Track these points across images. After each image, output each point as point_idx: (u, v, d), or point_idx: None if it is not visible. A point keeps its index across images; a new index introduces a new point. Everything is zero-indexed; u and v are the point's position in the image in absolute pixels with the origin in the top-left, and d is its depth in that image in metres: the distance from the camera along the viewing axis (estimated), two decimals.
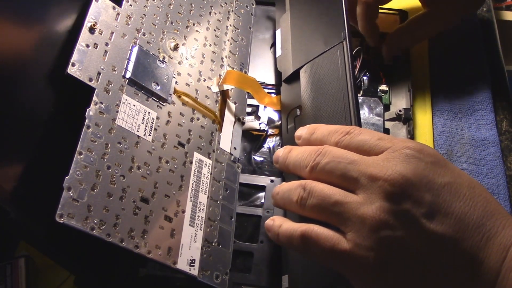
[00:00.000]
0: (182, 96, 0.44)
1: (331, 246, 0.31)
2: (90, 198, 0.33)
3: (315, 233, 0.32)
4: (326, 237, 0.31)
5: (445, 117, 0.51)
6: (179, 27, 0.47)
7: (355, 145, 0.33)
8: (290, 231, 0.33)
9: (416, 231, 0.29)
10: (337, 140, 0.34)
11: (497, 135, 0.50)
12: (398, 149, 0.31)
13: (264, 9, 0.59)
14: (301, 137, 0.37)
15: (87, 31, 0.38)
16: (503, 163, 0.49)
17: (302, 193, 0.33)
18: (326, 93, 0.42)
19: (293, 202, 0.33)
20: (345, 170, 0.32)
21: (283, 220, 0.35)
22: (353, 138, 0.33)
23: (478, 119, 0.51)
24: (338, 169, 0.32)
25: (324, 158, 0.33)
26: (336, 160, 0.32)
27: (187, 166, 0.41)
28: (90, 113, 0.36)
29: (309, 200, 0.32)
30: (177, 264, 0.37)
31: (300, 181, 0.34)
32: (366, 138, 0.33)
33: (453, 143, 0.50)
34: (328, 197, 0.32)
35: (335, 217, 0.31)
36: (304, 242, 0.32)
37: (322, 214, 0.32)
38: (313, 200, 0.32)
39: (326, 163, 0.33)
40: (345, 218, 0.31)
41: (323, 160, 0.33)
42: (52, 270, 0.44)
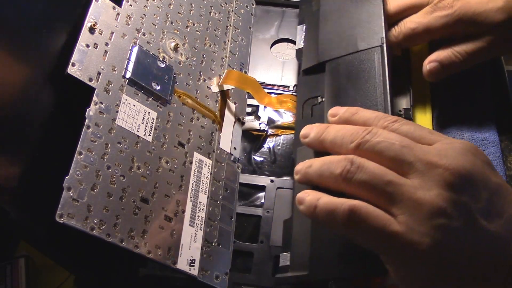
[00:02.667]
0: (182, 96, 0.44)
1: (382, 226, 0.29)
2: (90, 198, 0.33)
3: (365, 210, 0.30)
4: (377, 216, 0.30)
5: (445, 117, 0.51)
6: (179, 27, 0.47)
7: (404, 133, 0.32)
8: (333, 205, 0.31)
9: (471, 225, 0.29)
10: (385, 125, 0.33)
11: (497, 135, 0.50)
12: (453, 142, 0.31)
13: (264, 9, 0.59)
14: (338, 114, 0.36)
15: (87, 31, 0.38)
16: (503, 163, 0.49)
17: (349, 167, 0.31)
18: (358, 90, 0.42)
19: (334, 175, 0.32)
20: (399, 152, 0.31)
21: (321, 194, 0.32)
22: (402, 125, 0.33)
23: (478, 119, 0.51)
24: (391, 150, 0.31)
25: (374, 137, 0.32)
26: (389, 141, 0.31)
27: (187, 166, 0.41)
28: (90, 113, 0.36)
29: (357, 174, 0.31)
30: (177, 264, 0.37)
31: (345, 155, 0.32)
32: (416, 128, 0.32)
33: None
34: (381, 175, 0.30)
35: (386, 197, 0.30)
36: (351, 219, 0.30)
37: (371, 192, 0.31)
38: (363, 176, 0.31)
39: (378, 142, 0.31)
40: (397, 199, 0.30)
41: (373, 138, 0.32)
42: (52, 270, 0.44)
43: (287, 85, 0.53)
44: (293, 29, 0.57)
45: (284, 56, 0.55)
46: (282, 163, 0.49)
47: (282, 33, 0.57)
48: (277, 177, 0.47)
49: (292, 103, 0.50)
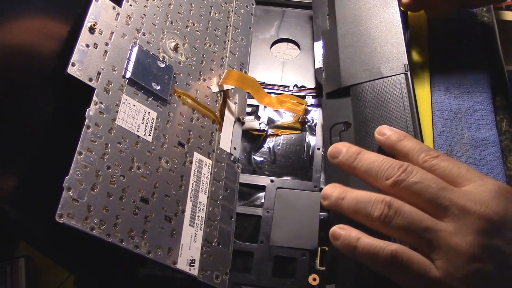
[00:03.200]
0: (182, 96, 0.44)
1: (423, 272, 0.31)
2: (90, 198, 0.33)
3: (407, 256, 0.31)
4: (418, 261, 0.31)
5: (445, 117, 0.51)
6: (179, 27, 0.47)
7: (441, 170, 0.33)
8: (375, 248, 0.32)
9: (504, 267, 0.30)
10: (425, 159, 0.33)
11: (497, 135, 0.50)
12: (487, 184, 0.31)
13: (264, 9, 0.59)
14: (386, 134, 0.36)
15: (87, 31, 0.38)
16: (503, 163, 0.49)
17: (387, 211, 0.31)
18: (385, 116, 0.43)
19: (372, 217, 0.32)
20: (436, 196, 0.31)
21: (359, 232, 0.33)
22: (441, 162, 0.33)
23: (478, 119, 0.51)
24: (427, 193, 0.31)
25: (411, 176, 0.32)
26: (426, 183, 0.31)
27: (187, 166, 0.41)
28: (90, 113, 0.36)
29: (396, 219, 0.31)
30: (177, 264, 0.37)
31: (382, 196, 0.32)
32: (454, 166, 0.33)
33: (453, 143, 0.50)
34: (419, 221, 0.31)
35: (424, 243, 0.31)
36: (393, 263, 0.31)
37: (409, 236, 0.31)
38: (401, 221, 0.31)
39: (414, 183, 0.32)
40: (435, 245, 0.31)
41: (410, 178, 0.32)
42: (52, 270, 0.44)
43: (287, 85, 0.53)
44: (293, 29, 0.57)
45: (284, 56, 0.55)
46: (282, 163, 0.49)
47: (282, 33, 0.57)
48: (277, 177, 0.47)
49: (292, 103, 0.50)
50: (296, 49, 0.56)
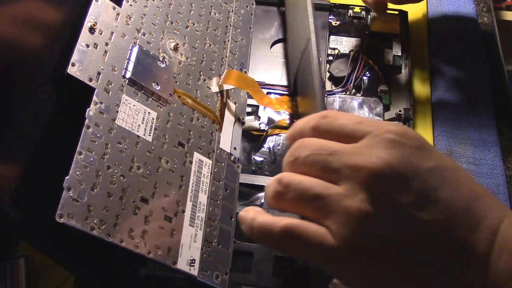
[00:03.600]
0: (182, 96, 0.44)
1: (318, 242, 0.29)
2: (90, 198, 0.33)
3: (300, 229, 0.29)
4: (312, 232, 0.29)
5: (445, 117, 0.51)
6: (179, 27, 0.47)
7: (335, 130, 0.31)
8: (267, 226, 0.30)
9: (406, 222, 0.28)
10: (314, 125, 0.32)
11: (497, 135, 0.50)
12: (380, 134, 0.30)
13: (264, 9, 0.59)
14: (286, 137, 0.35)
15: (87, 31, 0.38)
16: (503, 163, 0.49)
17: (278, 187, 0.31)
18: (308, 97, 0.43)
19: (269, 199, 0.31)
20: (326, 162, 0.30)
21: (258, 212, 0.32)
22: (331, 122, 0.31)
23: (478, 119, 0.51)
24: (319, 161, 0.30)
25: (303, 150, 0.31)
26: (316, 152, 0.30)
27: (187, 166, 0.41)
28: (90, 113, 0.36)
29: (287, 194, 0.30)
30: (177, 264, 0.37)
31: (276, 176, 0.32)
32: (345, 123, 0.31)
33: (453, 143, 0.50)
34: (308, 189, 0.30)
35: (317, 211, 0.29)
36: (287, 238, 0.29)
37: (303, 208, 0.30)
38: (291, 194, 0.30)
39: (306, 156, 0.31)
40: (328, 211, 0.29)
41: (302, 153, 0.31)
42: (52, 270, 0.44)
43: (287, 85, 0.53)
44: None
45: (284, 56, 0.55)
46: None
47: (282, 33, 0.57)
48: None
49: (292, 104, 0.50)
50: None
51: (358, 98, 0.51)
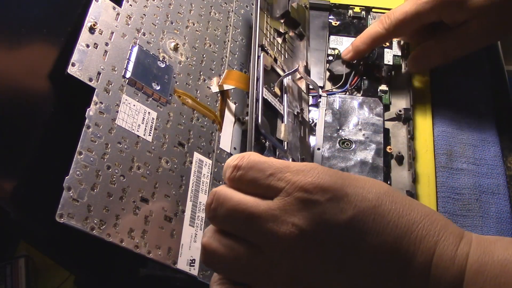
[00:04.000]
0: (182, 96, 0.44)
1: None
2: (90, 198, 0.33)
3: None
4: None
5: (445, 117, 0.51)
6: (179, 27, 0.47)
7: (249, 183, 0.31)
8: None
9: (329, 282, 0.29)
10: (230, 177, 0.32)
11: (497, 135, 0.50)
12: (291, 193, 0.29)
13: None
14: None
15: (87, 31, 0.38)
16: (503, 163, 0.49)
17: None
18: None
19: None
20: (243, 229, 0.30)
21: (213, 278, 0.33)
22: (243, 175, 0.31)
23: (478, 119, 0.51)
24: (236, 226, 0.30)
25: (219, 208, 0.31)
26: (232, 215, 0.30)
27: (187, 166, 0.41)
28: (90, 113, 0.36)
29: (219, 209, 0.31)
30: (177, 264, 0.37)
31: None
32: (257, 176, 0.30)
33: (453, 143, 0.50)
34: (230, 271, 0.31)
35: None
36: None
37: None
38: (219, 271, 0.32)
39: (223, 217, 0.31)
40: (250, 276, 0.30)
41: (219, 211, 0.31)
42: (52, 270, 0.44)
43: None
44: None
45: None
46: None
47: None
48: None
49: None
50: None
51: (358, 98, 0.51)
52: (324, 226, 0.28)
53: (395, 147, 0.49)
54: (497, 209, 0.46)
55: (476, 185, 0.47)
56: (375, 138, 0.48)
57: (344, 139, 0.49)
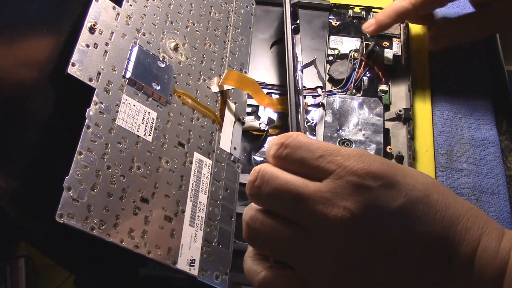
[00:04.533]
0: (182, 96, 0.44)
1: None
2: (90, 198, 0.33)
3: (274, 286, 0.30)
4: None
5: (445, 117, 0.51)
6: (179, 27, 0.47)
7: (296, 164, 0.30)
8: (249, 275, 0.32)
9: (379, 268, 0.29)
10: (274, 154, 0.31)
11: (497, 135, 0.50)
12: (344, 175, 0.29)
13: (264, 9, 0.59)
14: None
15: (87, 31, 0.38)
16: (503, 163, 0.49)
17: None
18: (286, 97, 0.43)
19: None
20: (290, 208, 0.30)
21: (247, 254, 0.33)
22: (291, 154, 0.30)
23: (478, 119, 0.51)
24: (282, 205, 0.30)
25: (265, 185, 0.30)
26: (278, 194, 0.30)
27: (187, 166, 0.41)
28: (90, 113, 0.36)
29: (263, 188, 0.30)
30: (177, 264, 0.37)
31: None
32: (305, 156, 0.30)
33: (453, 143, 0.50)
34: (272, 249, 0.31)
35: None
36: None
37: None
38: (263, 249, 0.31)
39: (269, 195, 0.30)
40: (298, 260, 0.30)
41: (264, 188, 0.30)
42: (52, 270, 0.44)
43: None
44: None
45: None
46: None
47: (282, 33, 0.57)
48: None
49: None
50: None
51: (358, 98, 0.51)
52: (376, 212, 0.28)
53: (395, 147, 0.49)
54: (497, 209, 0.46)
55: (476, 185, 0.47)
56: (375, 138, 0.48)
57: (344, 139, 0.49)
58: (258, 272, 0.31)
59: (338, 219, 0.28)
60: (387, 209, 0.28)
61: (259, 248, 0.32)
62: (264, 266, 0.31)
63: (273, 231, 0.30)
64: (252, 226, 0.31)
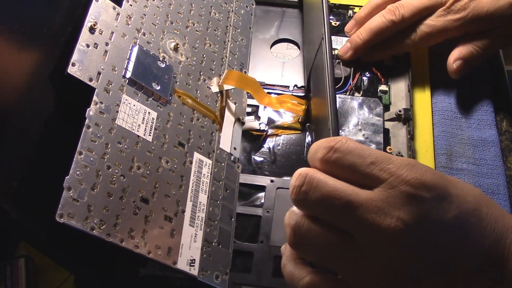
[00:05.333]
0: (182, 96, 0.44)
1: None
2: (90, 198, 0.33)
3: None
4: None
5: (445, 117, 0.51)
6: (179, 27, 0.47)
7: (346, 168, 0.30)
8: (292, 278, 0.31)
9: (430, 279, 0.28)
10: (323, 158, 0.30)
11: (497, 135, 0.50)
12: (396, 185, 0.28)
13: (264, 9, 0.59)
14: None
15: (87, 31, 0.38)
16: (503, 163, 0.49)
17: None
18: (320, 97, 0.43)
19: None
20: (340, 215, 0.29)
21: (287, 257, 0.32)
22: (341, 159, 0.30)
23: (478, 119, 0.51)
24: (332, 212, 0.29)
25: (313, 191, 0.29)
26: (328, 201, 0.29)
27: (187, 166, 0.41)
28: (90, 113, 0.36)
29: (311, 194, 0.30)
30: (177, 264, 0.37)
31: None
32: (356, 162, 0.29)
33: (453, 143, 0.50)
34: (318, 256, 0.30)
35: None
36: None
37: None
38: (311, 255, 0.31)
39: (317, 201, 0.29)
40: (347, 270, 0.30)
41: (312, 194, 0.29)
42: (52, 270, 0.44)
43: (287, 85, 0.53)
44: (293, 29, 0.57)
45: (284, 56, 0.55)
46: (282, 163, 0.49)
47: (282, 33, 0.57)
48: (277, 177, 0.47)
49: (292, 104, 0.50)
50: (296, 49, 0.56)
51: (358, 98, 0.51)
52: (429, 223, 0.28)
53: (395, 147, 0.49)
54: None
55: (476, 185, 0.47)
56: (375, 138, 0.48)
57: None
58: (303, 276, 0.31)
59: (391, 229, 0.28)
60: (440, 221, 0.28)
61: (304, 254, 0.31)
62: (308, 271, 0.31)
63: (320, 237, 0.30)
64: (298, 231, 0.30)
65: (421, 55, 0.55)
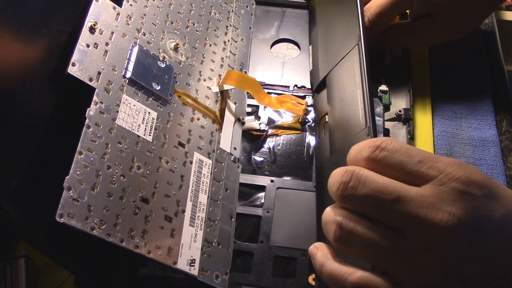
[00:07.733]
0: (182, 96, 0.44)
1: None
2: (90, 198, 0.33)
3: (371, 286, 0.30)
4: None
5: (445, 117, 0.51)
6: (179, 27, 0.47)
7: (393, 166, 0.30)
8: (337, 277, 0.31)
9: (480, 277, 0.28)
10: (370, 157, 0.30)
11: (497, 135, 0.50)
12: (446, 182, 0.28)
13: (264, 9, 0.59)
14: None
15: (87, 31, 0.38)
16: (503, 163, 0.49)
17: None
18: (344, 98, 0.42)
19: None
20: (391, 210, 0.29)
21: (325, 255, 0.32)
22: (388, 157, 0.30)
23: (478, 119, 0.51)
24: (381, 207, 0.29)
25: (360, 187, 0.29)
26: (378, 196, 0.29)
27: (187, 166, 0.41)
28: (90, 113, 0.36)
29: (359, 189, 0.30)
30: (177, 264, 0.37)
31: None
32: (404, 160, 0.29)
33: (453, 143, 0.50)
34: (367, 253, 0.30)
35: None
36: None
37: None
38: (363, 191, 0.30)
39: (365, 197, 0.29)
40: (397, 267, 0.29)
41: (359, 190, 0.29)
42: (52, 270, 0.44)
43: (287, 85, 0.53)
44: (293, 29, 0.57)
45: (284, 56, 0.55)
46: (282, 163, 0.49)
47: (282, 33, 0.57)
48: (277, 177, 0.47)
49: (292, 104, 0.50)
50: (296, 49, 0.56)
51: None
52: (480, 220, 0.28)
53: None
54: None
55: None
56: None
57: None
58: (351, 272, 0.30)
59: (443, 223, 0.28)
60: (490, 219, 0.28)
61: (351, 250, 0.31)
62: (355, 267, 0.31)
63: (369, 233, 0.29)
64: (346, 228, 0.30)
65: (421, 55, 0.55)
